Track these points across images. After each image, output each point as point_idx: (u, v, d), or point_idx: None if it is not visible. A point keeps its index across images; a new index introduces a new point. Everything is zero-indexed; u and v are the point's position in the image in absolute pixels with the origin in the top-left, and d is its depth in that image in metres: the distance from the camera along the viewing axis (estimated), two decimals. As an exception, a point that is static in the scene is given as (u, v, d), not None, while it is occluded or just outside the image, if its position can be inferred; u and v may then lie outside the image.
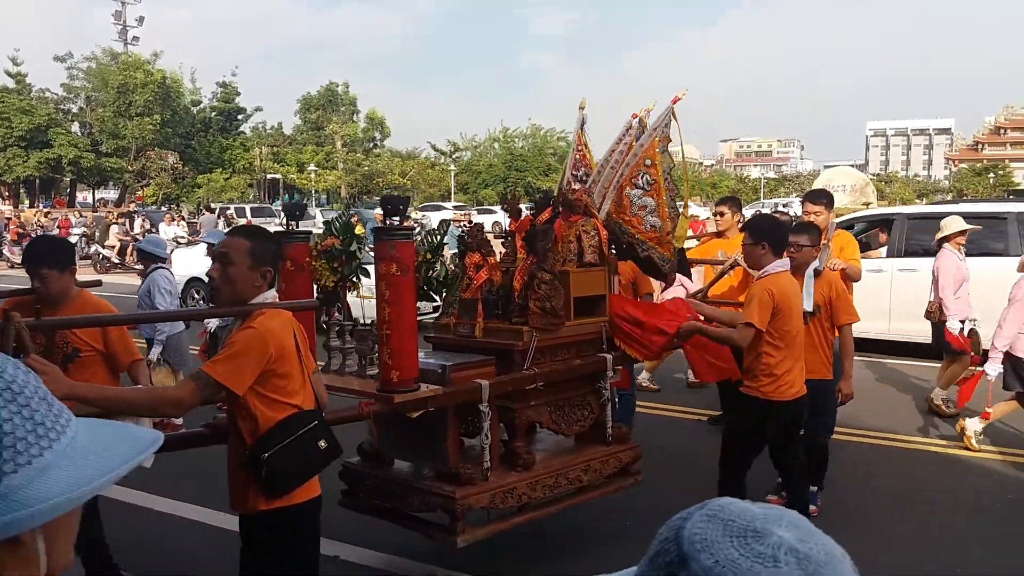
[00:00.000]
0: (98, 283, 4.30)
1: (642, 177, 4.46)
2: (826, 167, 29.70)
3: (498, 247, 4.22)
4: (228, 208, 32.82)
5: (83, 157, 46.14)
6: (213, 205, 36.09)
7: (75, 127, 48.36)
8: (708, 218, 13.70)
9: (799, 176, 71.40)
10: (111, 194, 55.27)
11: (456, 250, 4.20)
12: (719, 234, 6.37)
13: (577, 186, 4.55)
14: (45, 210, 35.91)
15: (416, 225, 4.16)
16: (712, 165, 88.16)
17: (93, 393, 2.43)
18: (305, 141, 52.47)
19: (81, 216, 31.57)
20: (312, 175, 47.99)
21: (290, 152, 51.71)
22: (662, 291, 5.40)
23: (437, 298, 3.38)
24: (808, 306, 4.59)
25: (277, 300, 2.74)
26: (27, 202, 47.38)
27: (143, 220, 25.28)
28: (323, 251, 3.61)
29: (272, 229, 3.84)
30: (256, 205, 37.49)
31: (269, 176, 50.76)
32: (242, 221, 28.86)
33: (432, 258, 3.32)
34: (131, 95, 45.71)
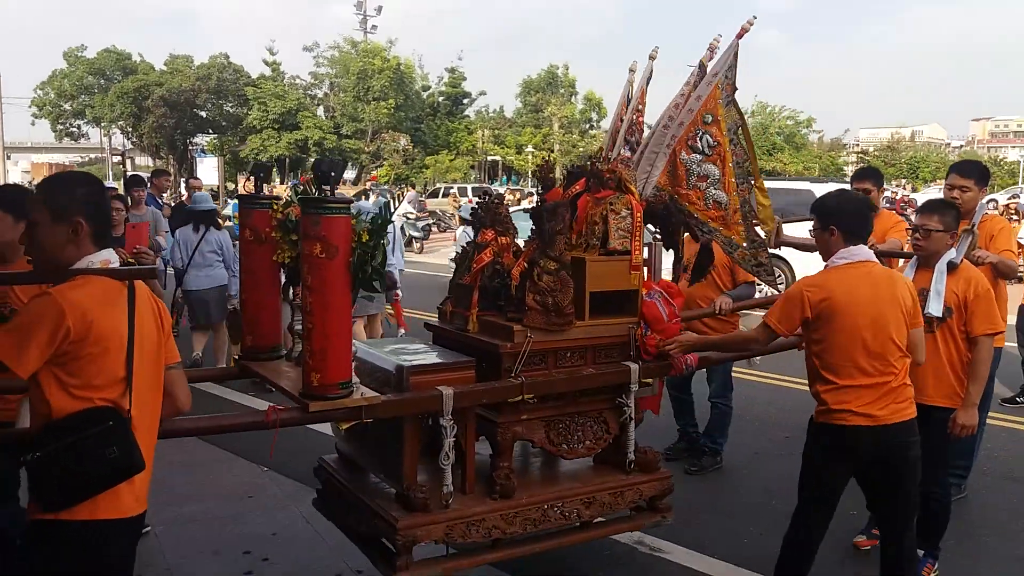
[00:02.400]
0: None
1: (701, 138, 3.56)
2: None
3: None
4: (452, 188, 34.18)
5: (326, 139, 49.95)
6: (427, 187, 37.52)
7: (320, 111, 52.37)
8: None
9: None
10: (349, 174, 59.50)
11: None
12: None
13: (627, 154, 3.72)
14: (291, 185, 39.23)
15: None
16: (961, 146, 78.20)
17: None
18: (525, 123, 53.14)
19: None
20: (529, 156, 48.50)
21: (510, 134, 52.66)
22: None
23: (378, 287, 2.77)
24: (936, 310, 3.47)
25: (115, 265, 2.22)
26: (278, 179, 52.15)
27: (376, 198, 26.76)
28: (281, 222, 3.12)
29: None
30: (476, 185, 38.62)
31: (489, 158, 52.05)
32: (463, 201, 30.17)
33: (370, 240, 2.70)
34: (369, 81, 48.68)
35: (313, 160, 3.19)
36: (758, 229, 3.84)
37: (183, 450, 5.08)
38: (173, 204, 12.22)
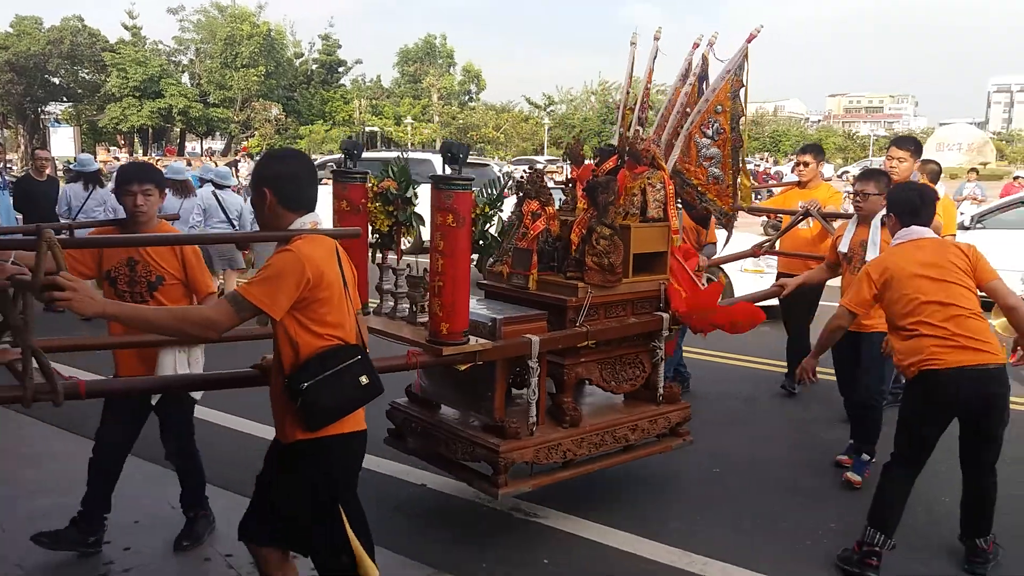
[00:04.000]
0: (176, 217, 4.45)
1: (712, 125, 4.28)
2: (941, 125, 27.94)
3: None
4: (329, 160, 33.67)
5: (192, 107, 47.95)
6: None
7: (185, 78, 50.17)
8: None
9: (912, 134, 67.49)
10: (218, 144, 57.31)
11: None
12: (801, 184, 6.08)
13: (639, 131, 4.39)
14: (156, 158, 37.64)
15: (506, 177, 4.06)
16: (819, 121, 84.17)
17: (121, 310, 2.44)
18: (403, 94, 53.00)
19: (189, 164, 32.98)
20: (409, 128, 48.47)
21: (388, 105, 52.37)
22: (725, 244, 5.21)
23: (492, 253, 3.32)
24: (872, 254, 4.37)
25: (319, 226, 2.63)
26: (140, 151, 49.67)
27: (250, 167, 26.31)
28: (379, 193, 3.60)
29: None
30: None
31: (368, 129, 51.56)
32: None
33: (490, 211, 3.25)
34: (237, 47, 47.07)
35: (443, 142, 3.51)
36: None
37: (26, 443, 4.88)
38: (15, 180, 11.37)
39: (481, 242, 3.26)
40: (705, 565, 3.65)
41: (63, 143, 34.56)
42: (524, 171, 4.15)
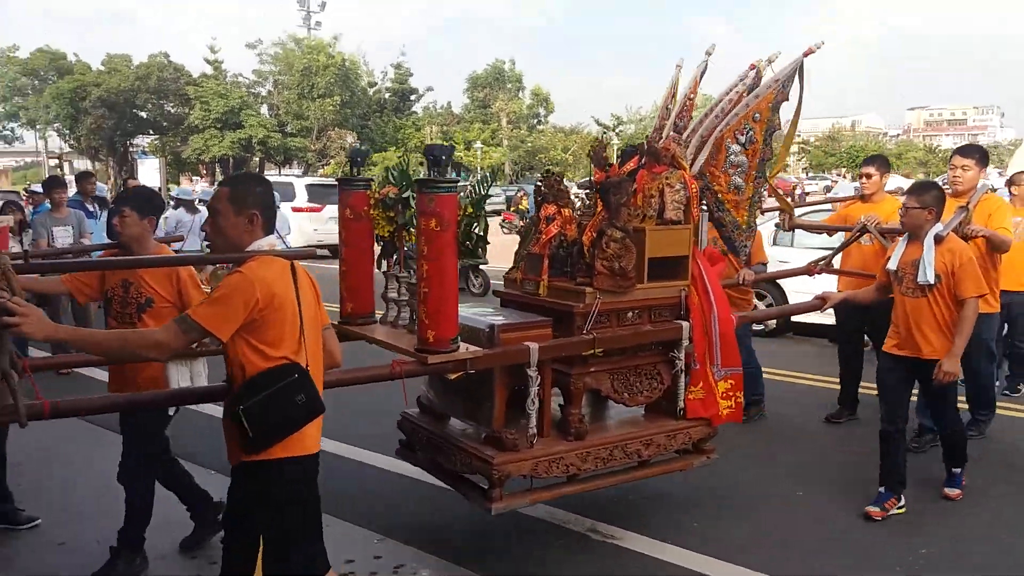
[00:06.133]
0: (180, 238, 4.45)
1: (747, 133, 4.04)
2: (1030, 136, 26.53)
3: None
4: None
5: (271, 137, 49.42)
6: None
7: (264, 109, 51.84)
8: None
9: (997, 146, 64.68)
10: (295, 172, 58.97)
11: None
12: (864, 198, 5.71)
13: (675, 135, 4.16)
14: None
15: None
16: (898, 135, 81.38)
17: (71, 334, 2.44)
18: (473, 119, 53.52)
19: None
20: (478, 152, 48.88)
21: (458, 130, 52.95)
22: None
23: (481, 254, 3.16)
24: (929, 276, 4.01)
25: (277, 247, 2.62)
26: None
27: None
28: (380, 200, 3.50)
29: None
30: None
31: (438, 154, 52.18)
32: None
33: (474, 212, 3.10)
34: (314, 77, 48.36)
35: (426, 146, 3.42)
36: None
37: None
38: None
39: (467, 244, 3.09)
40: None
41: (149, 174, 36.08)
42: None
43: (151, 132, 52.26)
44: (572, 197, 3.81)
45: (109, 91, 46.75)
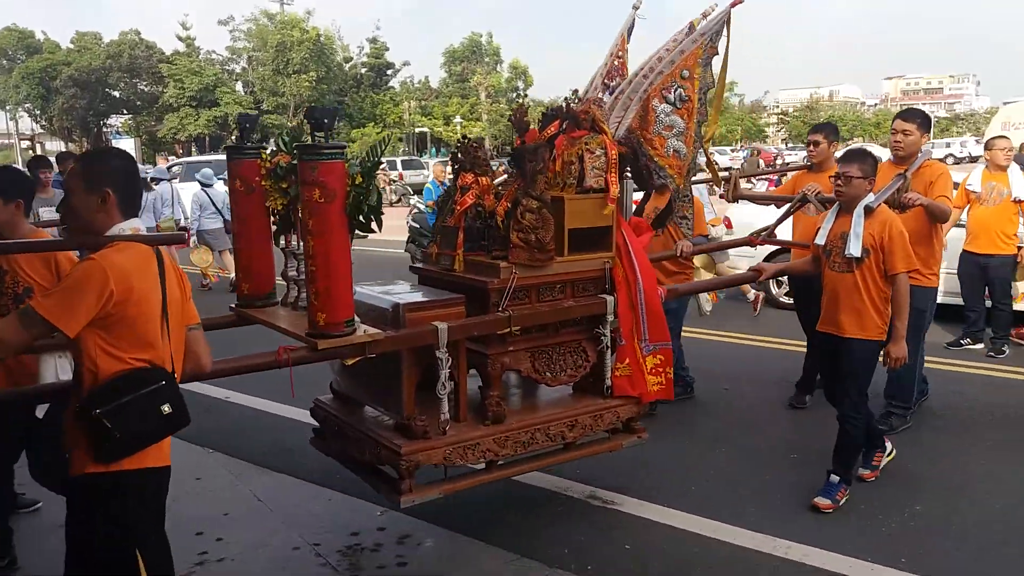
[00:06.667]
0: (58, 223, 4.21)
1: (675, 91, 3.80)
2: (1006, 103, 26.35)
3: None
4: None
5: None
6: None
7: (239, 86, 51.08)
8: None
9: (974, 114, 64.54)
10: (272, 150, 58.27)
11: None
12: (812, 167, 5.48)
13: (606, 98, 3.92)
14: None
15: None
16: (876, 104, 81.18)
17: None
18: (451, 94, 52.95)
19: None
20: (458, 127, 48.38)
21: (437, 105, 52.41)
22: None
23: (375, 228, 2.91)
24: (855, 250, 3.78)
25: (142, 232, 2.34)
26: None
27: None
28: (270, 171, 3.23)
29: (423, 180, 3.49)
30: (406, 158, 38.41)
31: (417, 129, 51.68)
32: (393, 175, 30.29)
33: (363, 182, 2.84)
34: (288, 53, 47.62)
35: (307, 108, 3.23)
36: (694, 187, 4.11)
37: None
38: None
39: (360, 217, 2.84)
40: (788, 549, 3.57)
41: (123, 154, 35.51)
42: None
43: (124, 111, 51.46)
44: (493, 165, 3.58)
45: (80, 70, 45.95)
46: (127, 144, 39.28)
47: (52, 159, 9.77)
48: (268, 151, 3.31)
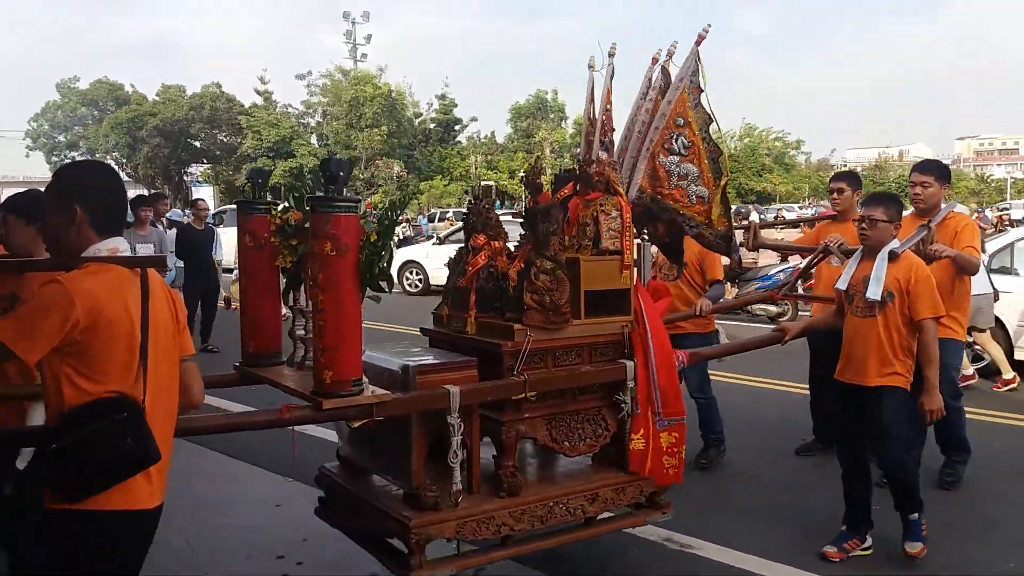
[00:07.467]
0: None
1: (676, 140, 3.73)
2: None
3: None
4: (447, 212, 35.13)
5: (320, 166, 50.23)
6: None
7: (313, 139, 52.69)
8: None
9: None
10: (283, 206, 59.71)
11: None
12: (835, 216, 5.30)
13: (604, 156, 3.86)
14: (288, 188, 39.50)
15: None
16: (948, 164, 78.99)
17: None
18: (516, 148, 53.58)
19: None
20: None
21: (502, 159, 53.06)
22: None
23: (385, 287, 2.86)
24: (874, 294, 3.64)
25: (123, 254, 2.18)
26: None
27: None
28: (279, 227, 3.23)
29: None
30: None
31: (483, 183, 52.30)
32: (459, 224, 30.81)
33: (379, 240, 2.81)
34: (361, 108, 49.03)
35: (321, 159, 3.25)
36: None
37: (209, 461, 5.43)
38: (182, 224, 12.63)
39: (368, 274, 2.80)
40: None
41: (204, 202, 36.94)
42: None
43: (204, 161, 53.47)
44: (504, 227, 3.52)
45: (164, 121, 48.06)
46: (205, 192, 40.77)
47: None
48: (280, 207, 3.32)
